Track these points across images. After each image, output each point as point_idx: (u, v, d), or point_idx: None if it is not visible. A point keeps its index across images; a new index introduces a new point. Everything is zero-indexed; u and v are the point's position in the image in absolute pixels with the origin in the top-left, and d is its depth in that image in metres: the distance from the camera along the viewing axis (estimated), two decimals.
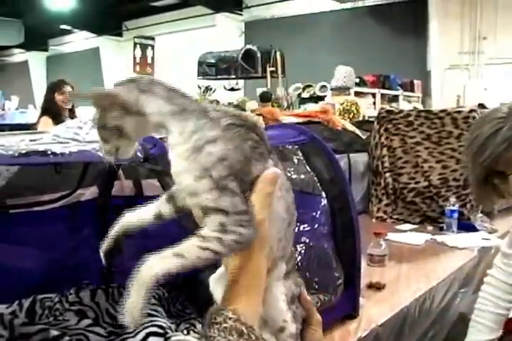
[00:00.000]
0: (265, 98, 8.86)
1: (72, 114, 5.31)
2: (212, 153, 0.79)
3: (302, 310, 0.91)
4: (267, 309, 0.86)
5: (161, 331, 1.64)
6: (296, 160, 1.85)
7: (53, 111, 5.27)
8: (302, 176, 1.92)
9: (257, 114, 3.53)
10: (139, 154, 1.51)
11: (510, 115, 1.61)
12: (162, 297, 2.01)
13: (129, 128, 0.83)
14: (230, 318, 0.75)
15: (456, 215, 3.31)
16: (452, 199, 3.33)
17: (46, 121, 5.28)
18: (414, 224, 3.58)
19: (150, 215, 0.92)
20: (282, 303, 0.88)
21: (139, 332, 1.62)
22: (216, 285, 0.94)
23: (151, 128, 0.84)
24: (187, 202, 0.83)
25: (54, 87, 5.33)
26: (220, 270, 0.95)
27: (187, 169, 0.79)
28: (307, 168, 1.87)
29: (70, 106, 5.32)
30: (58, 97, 5.26)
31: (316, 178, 1.87)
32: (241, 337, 0.74)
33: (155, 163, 1.52)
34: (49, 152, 1.33)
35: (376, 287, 2.30)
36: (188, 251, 0.78)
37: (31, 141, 1.98)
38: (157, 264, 0.77)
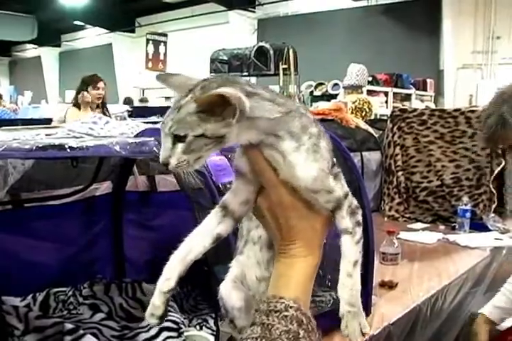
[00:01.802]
0: None
1: (103, 109, 5.43)
2: (326, 147, 0.81)
3: None
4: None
5: (174, 326, 1.65)
6: None
7: (83, 104, 5.38)
8: None
9: None
10: (155, 149, 1.52)
11: (504, 102, 1.74)
12: (175, 293, 2.01)
13: (231, 137, 0.75)
14: (291, 307, 0.75)
15: (468, 215, 3.29)
16: (465, 199, 3.32)
17: (75, 111, 5.42)
18: (426, 223, 3.57)
19: (208, 243, 0.85)
20: None
21: (152, 327, 1.63)
22: (231, 291, 0.95)
23: (251, 136, 0.77)
24: (309, 197, 0.81)
25: (88, 82, 5.43)
26: (230, 276, 0.96)
27: (320, 168, 0.80)
28: None
29: (100, 101, 5.43)
30: (92, 92, 5.39)
31: None
32: (300, 327, 0.73)
33: None
34: (66, 146, 1.33)
35: (388, 285, 2.29)
36: (354, 254, 0.85)
37: (47, 135, 1.99)
38: (353, 285, 0.84)
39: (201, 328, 1.80)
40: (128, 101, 11.55)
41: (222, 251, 1.21)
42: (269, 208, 0.82)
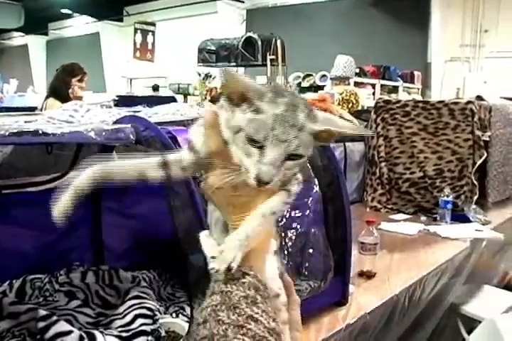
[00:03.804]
0: None
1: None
2: None
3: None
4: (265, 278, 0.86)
5: (149, 313, 1.64)
6: None
7: (62, 93, 5.11)
8: None
9: None
10: (131, 136, 1.51)
11: None
12: (153, 280, 2.01)
13: None
14: (248, 274, 0.77)
15: (450, 206, 3.31)
16: (447, 190, 3.34)
17: (55, 103, 4.98)
18: (407, 214, 3.60)
19: (134, 171, 0.83)
20: (277, 273, 0.90)
21: (127, 314, 1.63)
22: (207, 239, 0.93)
23: None
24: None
25: (71, 71, 5.11)
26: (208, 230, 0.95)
27: None
28: None
29: (82, 95, 5.16)
30: (77, 83, 5.08)
31: (308, 165, 1.87)
32: (257, 293, 0.75)
33: (147, 145, 1.52)
34: (40, 132, 1.32)
35: (367, 275, 2.31)
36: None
37: (26, 122, 1.97)
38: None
39: (177, 316, 1.80)
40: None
41: (197, 239, 1.21)
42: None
